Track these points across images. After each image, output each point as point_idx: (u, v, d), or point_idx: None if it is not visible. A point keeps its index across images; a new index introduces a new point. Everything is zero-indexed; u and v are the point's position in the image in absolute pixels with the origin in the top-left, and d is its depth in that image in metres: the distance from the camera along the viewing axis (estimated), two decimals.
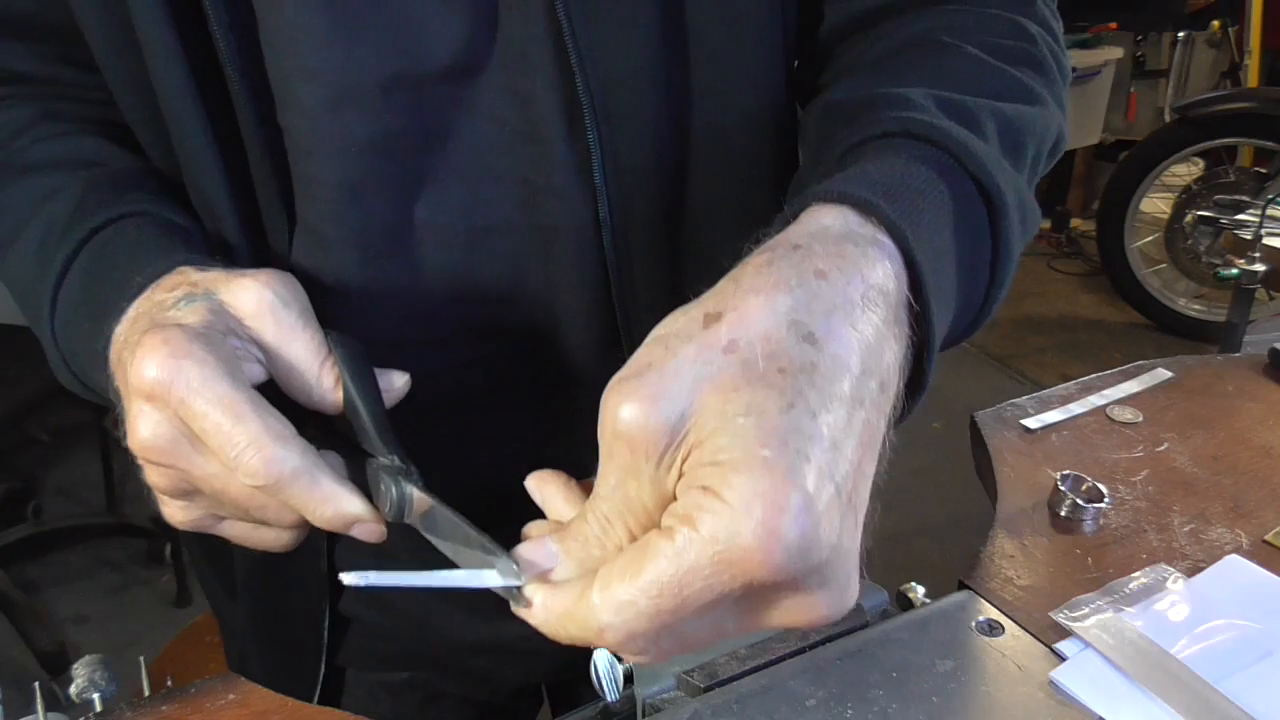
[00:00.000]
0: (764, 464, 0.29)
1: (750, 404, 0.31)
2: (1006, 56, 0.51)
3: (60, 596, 2.14)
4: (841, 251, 0.35)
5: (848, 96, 0.49)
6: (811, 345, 0.32)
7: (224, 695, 0.46)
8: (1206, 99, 3.24)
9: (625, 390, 0.32)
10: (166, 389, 0.39)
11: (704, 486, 0.30)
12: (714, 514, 0.30)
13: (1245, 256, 1.39)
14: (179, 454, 0.41)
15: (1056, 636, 0.49)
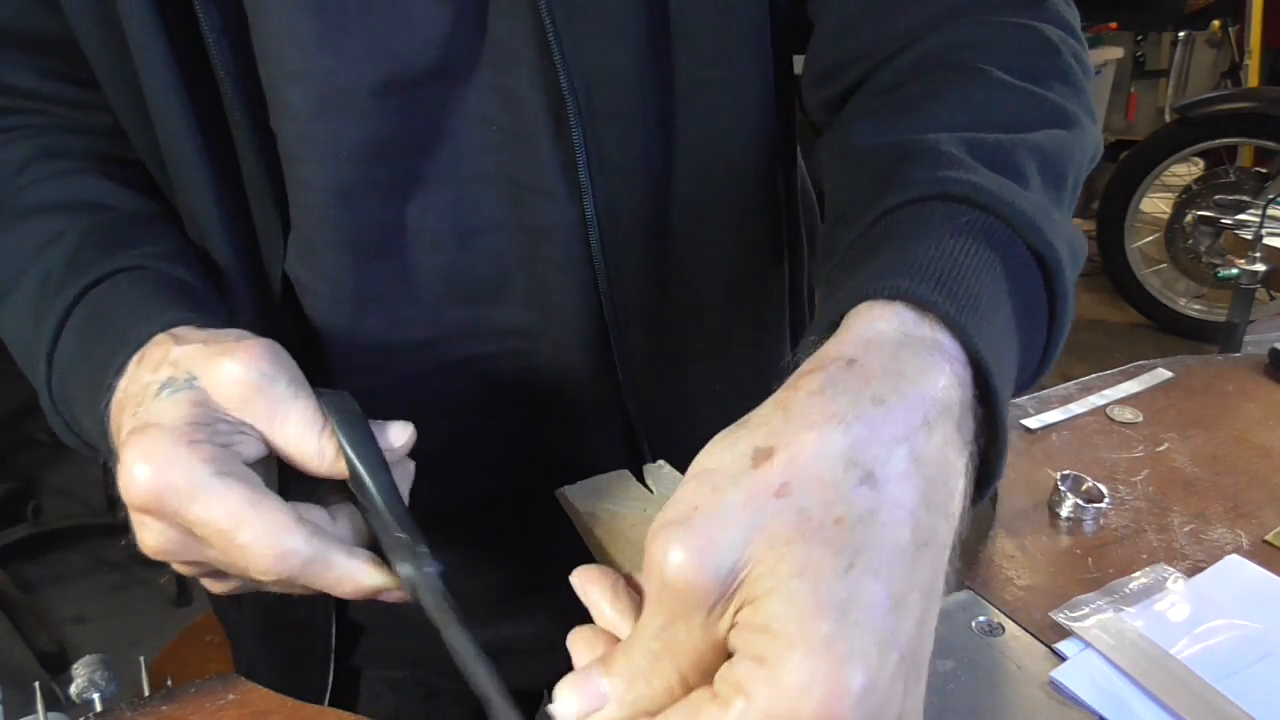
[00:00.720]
0: (823, 643, 0.27)
1: (806, 564, 0.28)
2: (1032, 75, 0.47)
3: (60, 596, 2.14)
4: (900, 368, 0.32)
5: (873, 142, 0.45)
6: (871, 488, 0.29)
7: (224, 695, 0.46)
8: (1206, 99, 3.24)
9: (673, 537, 0.30)
10: (158, 503, 0.38)
11: (760, 657, 0.28)
12: (771, 691, 0.27)
13: (1245, 256, 1.39)
14: (192, 551, 0.40)
15: (1056, 636, 0.49)
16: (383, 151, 0.50)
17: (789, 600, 0.28)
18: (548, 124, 0.50)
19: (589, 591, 0.39)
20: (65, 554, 2.25)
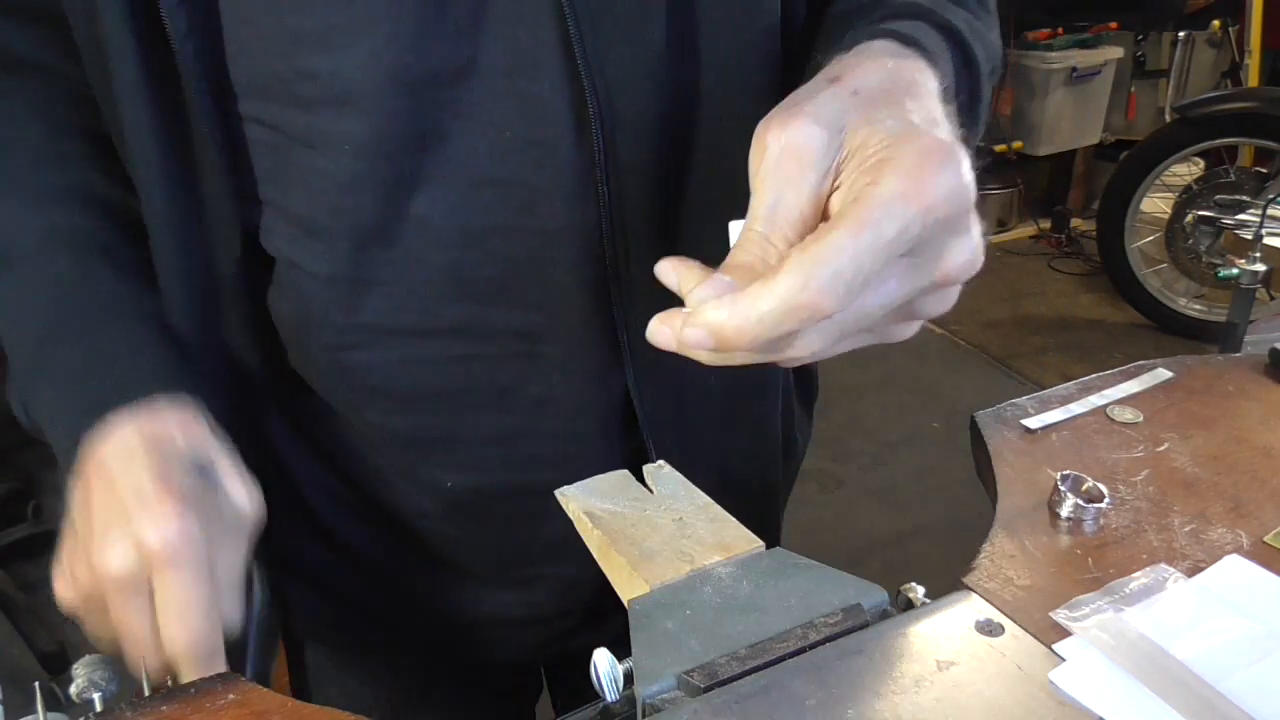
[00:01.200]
0: (920, 131, 0.39)
1: (889, 113, 0.40)
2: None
3: None
4: (900, 55, 0.46)
5: (856, 3, 0.56)
6: (908, 91, 0.42)
7: (224, 695, 0.46)
8: (1206, 99, 3.24)
9: (787, 116, 0.40)
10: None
11: (876, 164, 0.38)
12: (894, 171, 0.37)
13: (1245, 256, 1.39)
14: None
15: (1056, 636, 0.49)
16: (389, 148, 0.51)
17: (887, 131, 0.38)
18: (570, 129, 0.51)
19: (678, 270, 0.43)
20: None
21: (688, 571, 0.49)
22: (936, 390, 3.06)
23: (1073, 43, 3.95)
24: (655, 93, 0.53)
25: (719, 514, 0.53)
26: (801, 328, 0.37)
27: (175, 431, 0.48)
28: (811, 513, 2.47)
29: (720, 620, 0.46)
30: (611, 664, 0.44)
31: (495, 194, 0.53)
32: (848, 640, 0.47)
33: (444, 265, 0.55)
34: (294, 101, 0.50)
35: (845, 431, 2.82)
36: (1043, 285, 3.79)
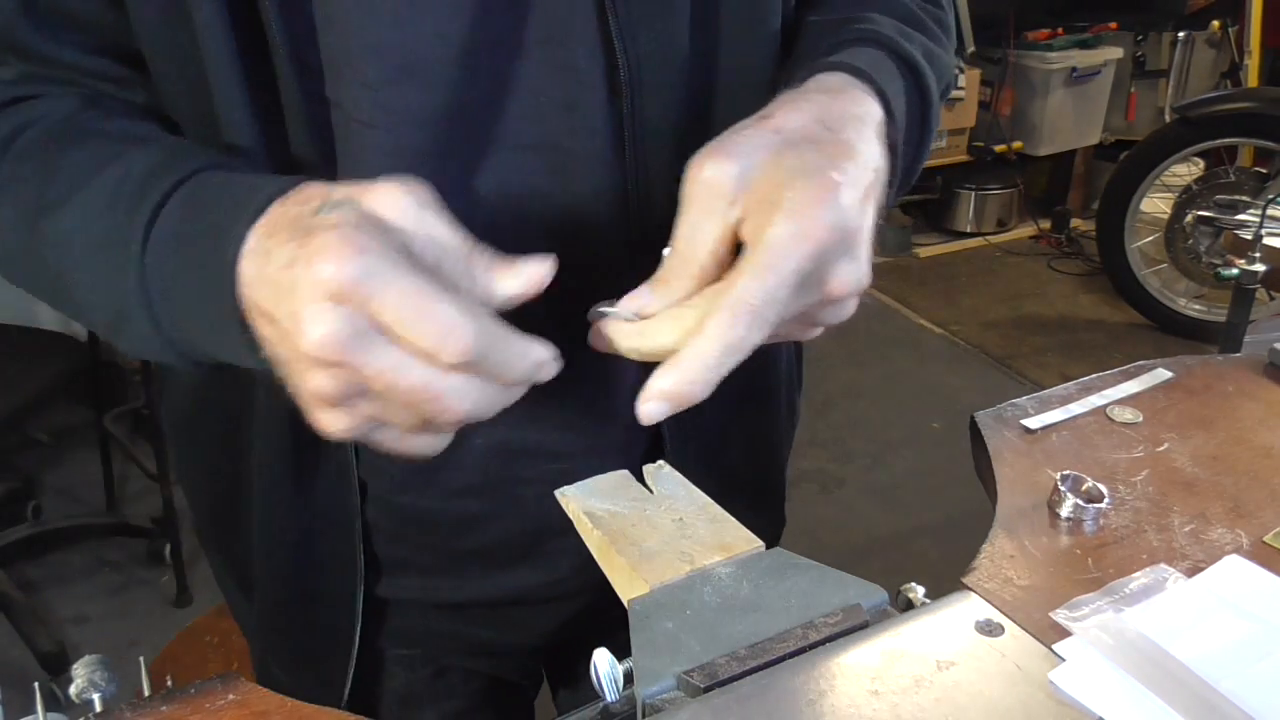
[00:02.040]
0: (814, 171, 0.45)
1: (797, 154, 0.46)
2: (926, 11, 0.66)
3: (60, 596, 2.13)
4: (846, 91, 0.52)
5: (827, 18, 0.62)
6: (830, 130, 0.48)
7: (224, 695, 0.46)
8: (1206, 99, 3.24)
9: (709, 152, 0.46)
10: (355, 284, 0.39)
11: (771, 205, 0.44)
12: (786, 210, 0.44)
13: (1245, 256, 1.39)
14: (357, 350, 0.40)
15: (1056, 636, 0.49)
16: (445, 118, 0.54)
17: (788, 171, 0.45)
18: (603, 94, 0.55)
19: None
20: (65, 554, 2.25)
21: (688, 571, 0.49)
22: (936, 390, 3.06)
23: (1073, 43, 3.95)
24: (679, 63, 0.56)
25: (719, 514, 0.53)
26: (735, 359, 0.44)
27: (295, 206, 0.43)
28: (811, 513, 2.47)
29: (720, 620, 0.46)
30: (611, 664, 0.44)
31: (532, 158, 0.56)
32: (847, 640, 0.47)
33: (488, 232, 0.56)
34: (359, 79, 0.52)
35: (845, 431, 2.82)
36: (1043, 285, 3.79)
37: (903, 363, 3.24)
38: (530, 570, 0.70)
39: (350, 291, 0.39)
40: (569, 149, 0.56)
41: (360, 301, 0.39)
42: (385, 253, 0.40)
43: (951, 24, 0.70)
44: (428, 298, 0.40)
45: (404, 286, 0.39)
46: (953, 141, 3.99)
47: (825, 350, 3.24)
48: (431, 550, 0.69)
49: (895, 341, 3.38)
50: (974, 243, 4.12)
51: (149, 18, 0.52)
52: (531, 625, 0.75)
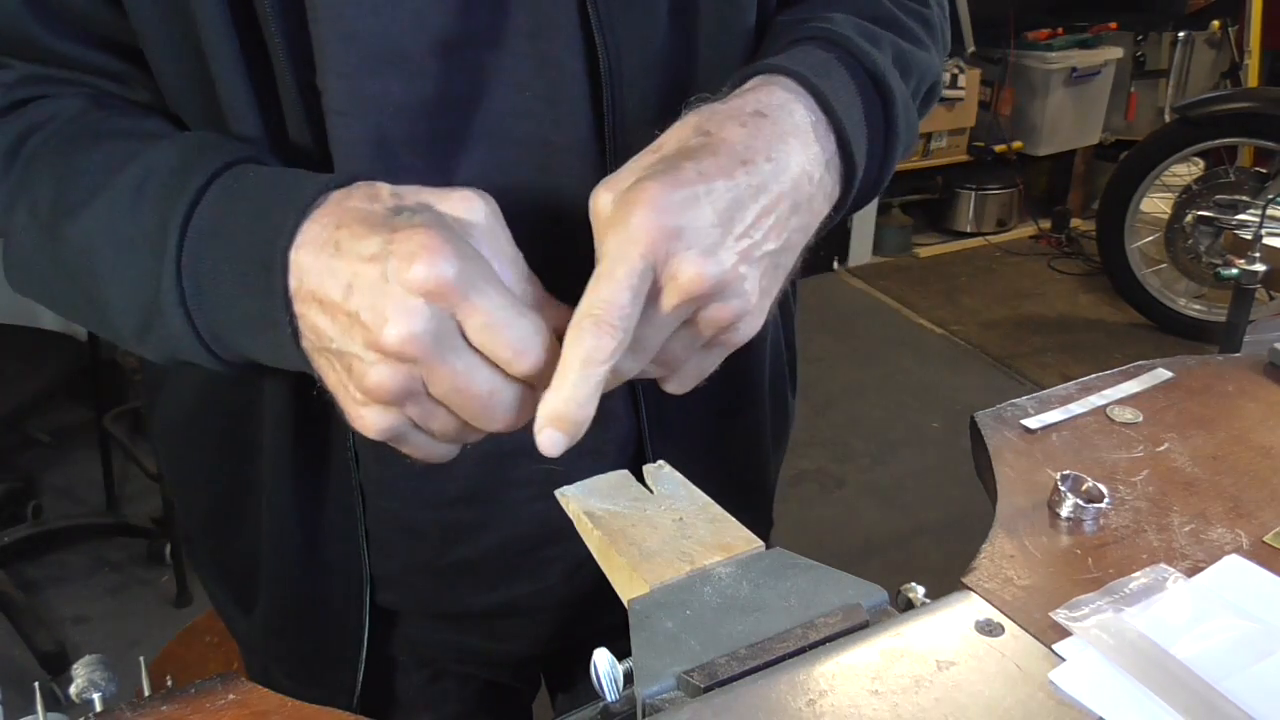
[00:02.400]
0: (656, 175, 0.45)
1: (659, 168, 0.46)
2: (907, 11, 0.65)
3: (60, 596, 2.13)
4: (757, 90, 0.51)
5: (790, 17, 0.61)
6: (705, 134, 0.48)
7: (224, 695, 0.46)
8: (1206, 99, 3.24)
9: (600, 185, 0.47)
10: (450, 286, 0.40)
11: (611, 219, 0.45)
12: (615, 219, 0.45)
13: (1245, 256, 1.39)
14: (437, 349, 0.42)
15: (1056, 636, 0.49)
16: (426, 110, 0.53)
17: (635, 185, 0.45)
18: (584, 87, 0.55)
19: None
20: (65, 554, 2.25)
21: (688, 571, 0.49)
22: (936, 390, 3.06)
23: (1073, 43, 3.95)
24: (658, 55, 0.56)
25: (719, 514, 0.53)
26: (611, 361, 0.43)
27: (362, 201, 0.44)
28: (811, 513, 2.47)
29: (720, 620, 0.46)
30: (611, 664, 0.44)
31: (518, 151, 0.56)
32: (847, 640, 0.47)
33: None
34: (335, 68, 0.51)
35: (845, 431, 2.82)
36: (1043, 285, 3.80)
37: (903, 363, 3.24)
38: (521, 580, 0.70)
39: (445, 292, 0.40)
40: (551, 141, 0.56)
41: (452, 303, 0.41)
42: (478, 259, 0.42)
43: (939, 22, 0.69)
44: (512, 310, 0.42)
45: (493, 295, 0.42)
46: (953, 141, 3.99)
47: (825, 350, 3.24)
48: (423, 561, 0.68)
49: (895, 341, 3.38)
50: (974, 243, 4.13)
51: (146, 12, 0.52)
52: (525, 634, 0.74)
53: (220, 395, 0.66)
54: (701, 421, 0.69)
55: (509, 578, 0.70)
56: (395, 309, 0.41)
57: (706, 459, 0.69)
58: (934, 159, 4.00)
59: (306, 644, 0.71)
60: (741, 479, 0.76)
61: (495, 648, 0.75)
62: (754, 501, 0.79)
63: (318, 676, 0.71)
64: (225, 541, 0.72)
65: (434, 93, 0.53)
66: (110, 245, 0.50)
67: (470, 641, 0.75)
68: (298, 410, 0.61)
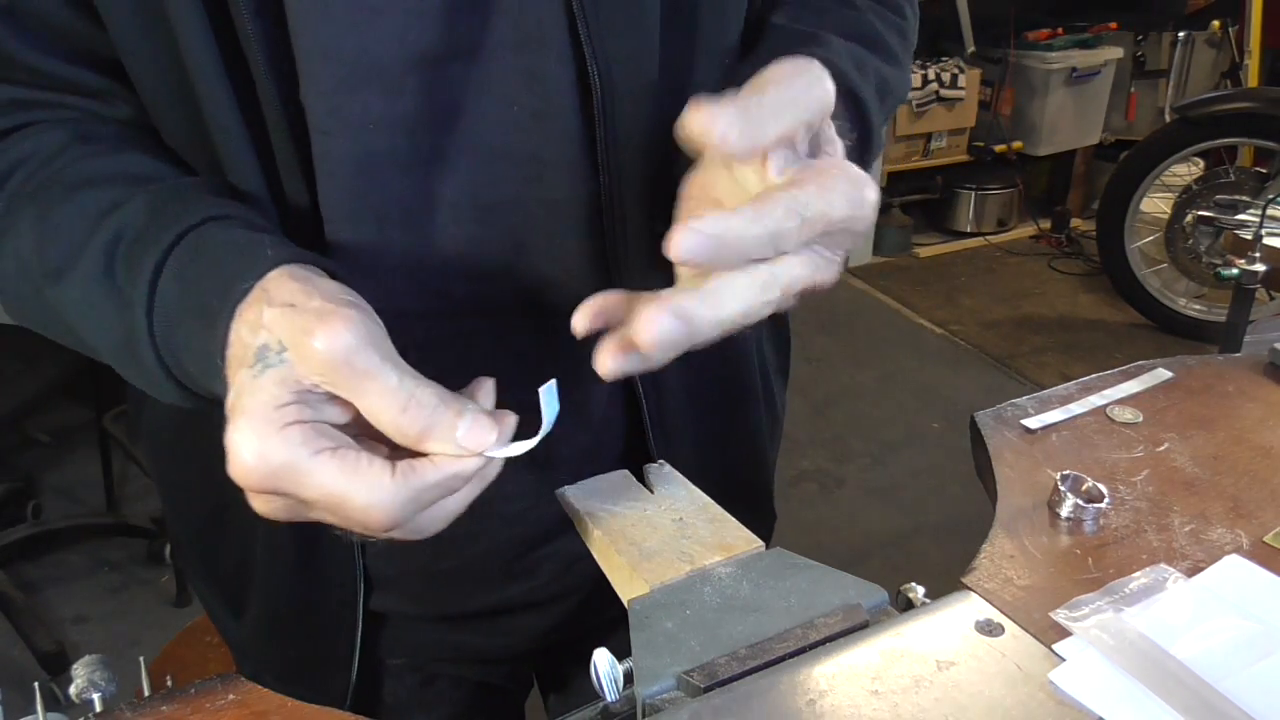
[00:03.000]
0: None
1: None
2: (888, 24, 0.66)
3: (60, 596, 2.13)
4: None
5: (791, 25, 0.61)
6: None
7: (224, 695, 0.46)
8: (1206, 99, 3.24)
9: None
10: (271, 480, 0.41)
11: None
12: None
13: (1245, 256, 1.39)
14: (303, 514, 0.44)
15: (1056, 637, 0.49)
16: (408, 126, 0.52)
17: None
18: (574, 102, 0.54)
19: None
20: (65, 554, 2.25)
21: (688, 571, 0.49)
22: (936, 390, 3.06)
23: (1073, 43, 3.95)
24: (649, 69, 0.55)
25: (719, 514, 0.53)
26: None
27: (251, 316, 0.44)
28: (811, 513, 2.47)
29: (720, 620, 0.46)
30: (611, 664, 0.44)
31: (506, 166, 0.55)
32: (847, 640, 0.47)
33: (459, 241, 0.56)
34: (315, 86, 0.51)
35: (845, 431, 2.82)
36: (1043, 285, 3.80)
37: (903, 363, 3.24)
38: (514, 581, 0.70)
39: (269, 486, 0.42)
40: (541, 156, 0.55)
41: (282, 491, 0.42)
42: (293, 451, 0.41)
43: (913, 31, 0.70)
44: (338, 492, 0.41)
45: (313, 487, 0.41)
46: (953, 141, 3.99)
47: (825, 350, 3.24)
48: (416, 567, 0.68)
49: (895, 341, 3.38)
50: (974, 243, 4.13)
51: (125, 28, 0.51)
52: (517, 631, 0.74)
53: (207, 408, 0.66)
54: (700, 421, 0.69)
55: (502, 580, 0.70)
56: (246, 489, 0.43)
57: (706, 458, 0.69)
58: (934, 159, 4.00)
59: (299, 649, 0.71)
60: (742, 476, 0.76)
61: (488, 644, 0.75)
62: (756, 498, 0.79)
63: (309, 681, 0.71)
64: (216, 547, 0.72)
65: (415, 108, 0.52)
66: (93, 313, 0.51)
67: (463, 639, 0.75)
68: None
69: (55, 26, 0.54)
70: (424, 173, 0.54)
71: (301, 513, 0.43)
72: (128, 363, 0.50)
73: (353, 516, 0.42)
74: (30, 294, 0.53)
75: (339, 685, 0.69)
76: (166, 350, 0.48)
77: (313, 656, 0.70)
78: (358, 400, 0.43)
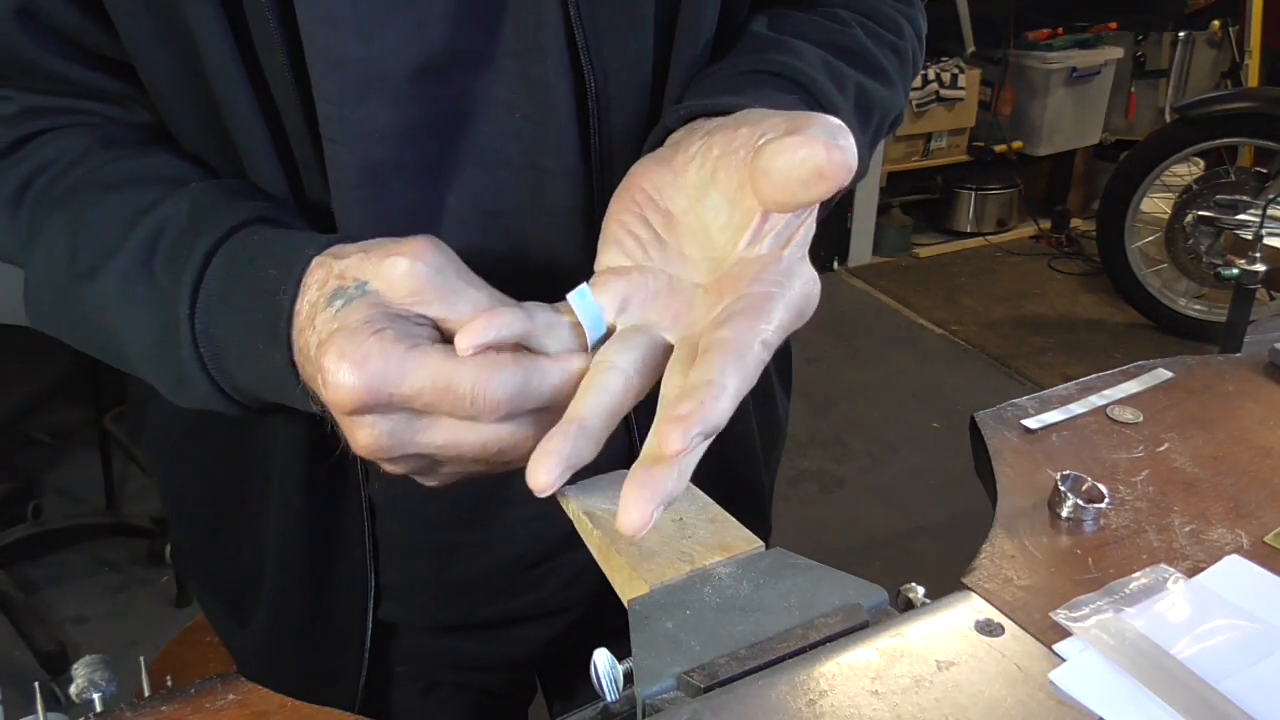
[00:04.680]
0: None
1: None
2: (880, 41, 0.64)
3: (60, 596, 2.14)
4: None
5: (764, 32, 0.60)
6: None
7: (224, 695, 0.46)
8: (1206, 99, 3.24)
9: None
10: (371, 396, 0.40)
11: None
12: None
13: (1245, 256, 1.39)
14: (407, 440, 0.42)
15: (1056, 637, 0.49)
16: (413, 135, 0.52)
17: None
18: (571, 109, 0.54)
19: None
20: (65, 554, 2.25)
21: (688, 571, 0.49)
22: (936, 390, 3.06)
23: (1073, 43, 3.95)
24: (644, 77, 0.55)
25: (719, 514, 0.53)
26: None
27: (319, 275, 0.44)
28: (811, 513, 2.47)
29: (720, 620, 0.46)
30: (611, 664, 0.44)
31: (508, 175, 0.55)
32: (847, 640, 0.47)
33: (463, 249, 0.56)
34: (323, 95, 0.51)
35: (845, 431, 2.82)
36: (1043, 285, 3.80)
37: (903, 363, 3.24)
38: (519, 594, 0.70)
39: (369, 401, 0.40)
40: (540, 164, 0.55)
41: (384, 404, 0.40)
42: (389, 349, 0.40)
43: (912, 51, 0.68)
44: (444, 374, 0.40)
45: (418, 374, 0.40)
46: (953, 141, 3.99)
47: (825, 350, 3.24)
48: (425, 577, 0.68)
49: (895, 341, 3.38)
50: (974, 243, 4.13)
51: (141, 36, 0.51)
52: (522, 640, 0.74)
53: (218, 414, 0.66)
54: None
55: (507, 593, 0.70)
56: (347, 426, 0.42)
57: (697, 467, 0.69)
58: (934, 159, 4.00)
59: (306, 659, 0.70)
60: (734, 482, 0.76)
61: (492, 652, 0.75)
62: (747, 506, 0.79)
63: (315, 691, 0.71)
64: (222, 555, 0.72)
65: (420, 117, 0.52)
66: (128, 309, 0.50)
67: (468, 647, 0.75)
68: (312, 430, 0.61)
69: (74, 34, 0.54)
70: (429, 181, 0.54)
71: (406, 436, 0.42)
72: (158, 360, 0.50)
73: (461, 404, 0.40)
74: (60, 297, 0.53)
75: (346, 695, 0.69)
76: (205, 342, 0.47)
77: (320, 666, 0.70)
78: (449, 312, 0.42)
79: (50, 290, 0.54)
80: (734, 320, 0.40)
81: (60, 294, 0.53)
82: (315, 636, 0.69)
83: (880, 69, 0.63)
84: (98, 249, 0.51)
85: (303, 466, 0.62)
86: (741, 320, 0.40)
